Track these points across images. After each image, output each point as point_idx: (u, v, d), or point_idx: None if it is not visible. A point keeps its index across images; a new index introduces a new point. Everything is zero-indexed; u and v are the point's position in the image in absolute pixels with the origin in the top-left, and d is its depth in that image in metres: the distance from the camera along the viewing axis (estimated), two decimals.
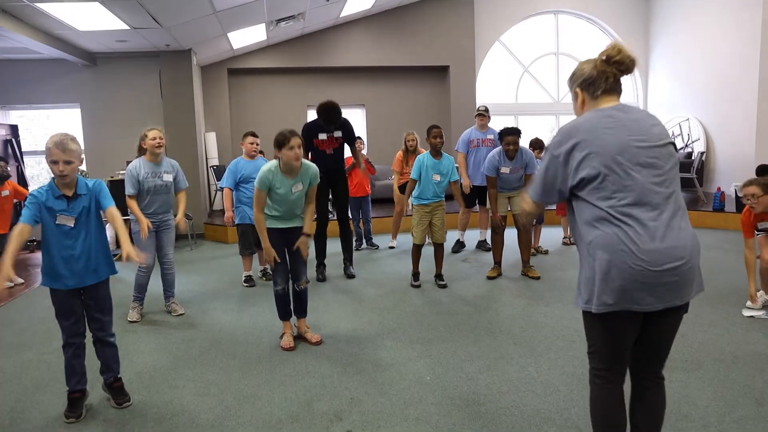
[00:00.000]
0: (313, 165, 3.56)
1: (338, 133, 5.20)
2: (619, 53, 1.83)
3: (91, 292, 2.74)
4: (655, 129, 1.80)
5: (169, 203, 4.29)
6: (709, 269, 5.28)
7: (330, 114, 5.00)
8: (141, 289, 4.28)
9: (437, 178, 4.80)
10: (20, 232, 2.54)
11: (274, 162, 3.41)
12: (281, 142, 3.29)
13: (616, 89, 1.88)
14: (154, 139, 4.12)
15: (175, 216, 4.30)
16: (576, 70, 1.95)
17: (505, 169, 5.08)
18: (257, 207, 3.41)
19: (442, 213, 4.89)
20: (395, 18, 10.07)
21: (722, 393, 2.76)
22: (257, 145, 5.18)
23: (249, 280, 5.29)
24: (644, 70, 11.53)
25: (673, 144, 1.85)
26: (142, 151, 4.23)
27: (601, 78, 1.86)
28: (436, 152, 4.86)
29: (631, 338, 1.80)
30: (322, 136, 5.13)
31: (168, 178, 4.22)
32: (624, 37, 11.31)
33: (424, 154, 4.90)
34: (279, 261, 3.50)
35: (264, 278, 5.45)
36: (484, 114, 6.22)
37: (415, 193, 4.90)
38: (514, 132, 4.99)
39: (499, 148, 5.09)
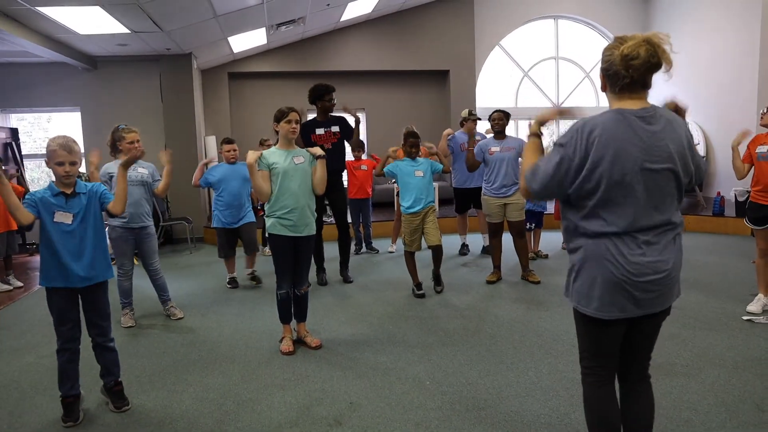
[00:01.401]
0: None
1: (335, 128, 5.16)
2: (636, 57, 1.65)
3: (89, 296, 2.73)
4: (672, 145, 1.71)
5: (144, 206, 4.19)
6: (708, 274, 5.30)
7: (314, 92, 5.09)
8: (126, 294, 4.26)
9: (419, 173, 4.70)
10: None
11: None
12: (279, 117, 3.50)
13: (639, 88, 1.72)
14: (132, 143, 4.00)
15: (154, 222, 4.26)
16: (606, 49, 1.76)
17: (495, 148, 5.07)
18: (259, 183, 3.40)
19: (433, 217, 4.73)
20: (395, 22, 10.09)
21: (723, 398, 2.76)
22: (234, 150, 5.26)
23: (232, 281, 5.40)
24: None
25: (691, 151, 1.76)
26: (115, 151, 4.11)
27: (618, 76, 1.71)
28: (411, 159, 4.78)
29: (616, 340, 1.87)
30: (320, 131, 5.11)
31: (143, 171, 4.19)
32: None
33: (400, 160, 4.82)
34: (284, 260, 3.52)
35: (254, 282, 5.46)
36: (477, 119, 6.20)
37: (402, 202, 4.78)
38: (500, 111, 5.19)
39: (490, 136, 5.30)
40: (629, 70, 1.67)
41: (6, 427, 2.70)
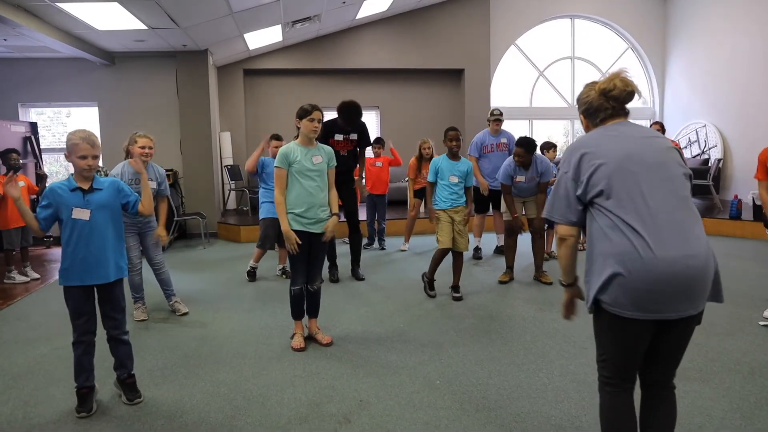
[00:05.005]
0: (329, 147, 3.68)
1: (354, 136, 5.19)
2: (614, 88, 1.86)
3: (105, 291, 2.77)
4: (658, 140, 1.86)
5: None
6: (724, 278, 5.15)
7: (350, 113, 5.03)
8: (137, 288, 4.27)
9: (454, 179, 4.57)
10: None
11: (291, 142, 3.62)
12: (302, 114, 3.52)
13: (619, 114, 1.91)
14: (143, 147, 4.01)
15: (157, 223, 4.15)
16: (581, 95, 1.99)
17: (520, 178, 5.03)
18: (278, 189, 3.48)
19: (464, 221, 4.61)
20: (411, 21, 10.07)
21: (738, 404, 2.72)
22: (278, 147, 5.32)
23: (252, 273, 5.48)
24: (661, 75, 11.42)
25: (679, 151, 1.91)
26: (128, 155, 4.11)
27: (600, 109, 1.91)
28: (452, 155, 4.65)
29: (642, 346, 1.79)
30: (339, 137, 5.14)
31: (152, 185, 4.11)
32: (640, 41, 11.21)
33: (440, 157, 4.71)
34: (299, 256, 3.52)
35: (283, 276, 5.50)
36: (500, 119, 6.09)
37: (436, 199, 4.69)
38: (521, 144, 4.88)
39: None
40: (610, 101, 1.89)
41: (21, 417, 2.74)
